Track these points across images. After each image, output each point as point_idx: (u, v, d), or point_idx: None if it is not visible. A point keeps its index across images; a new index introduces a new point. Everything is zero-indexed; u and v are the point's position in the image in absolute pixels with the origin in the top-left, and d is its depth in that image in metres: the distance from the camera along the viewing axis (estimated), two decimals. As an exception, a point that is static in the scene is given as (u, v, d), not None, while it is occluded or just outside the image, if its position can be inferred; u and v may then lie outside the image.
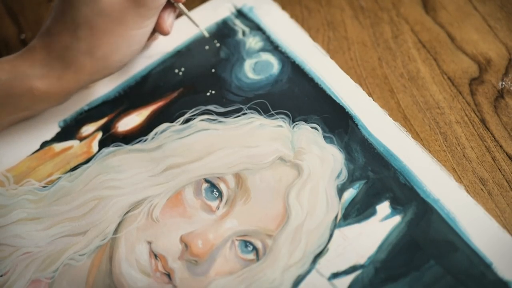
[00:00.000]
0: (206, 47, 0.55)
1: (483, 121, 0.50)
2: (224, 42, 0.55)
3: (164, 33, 0.52)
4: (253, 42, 0.55)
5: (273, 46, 0.54)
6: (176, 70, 0.54)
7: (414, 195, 0.46)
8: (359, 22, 0.56)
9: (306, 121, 0.50)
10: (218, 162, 0.48)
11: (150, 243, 0.45)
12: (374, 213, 0.45)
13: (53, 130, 0.52)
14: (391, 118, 0.50)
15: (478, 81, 0.52)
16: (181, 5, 0.52)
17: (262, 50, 0.54)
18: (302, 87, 0.52)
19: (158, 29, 0.51)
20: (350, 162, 0.48)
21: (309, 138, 0.49)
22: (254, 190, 0.47)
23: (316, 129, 0.49)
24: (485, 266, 0.42)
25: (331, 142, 0.49)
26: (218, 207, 0.46)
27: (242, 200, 0.46)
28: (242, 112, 0.51)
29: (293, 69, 0.53)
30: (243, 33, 0.55)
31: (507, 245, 0.43)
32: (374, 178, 0.47)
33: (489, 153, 0.48)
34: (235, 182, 0.47)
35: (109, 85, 0.53)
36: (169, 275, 0.44)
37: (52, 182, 0.49)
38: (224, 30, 0.56)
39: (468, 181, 0.47)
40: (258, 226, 0.45)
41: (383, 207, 0.46)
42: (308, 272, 0.44)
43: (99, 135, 0.51)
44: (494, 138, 0.49)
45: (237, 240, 0.45)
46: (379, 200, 0.46)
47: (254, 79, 0.53)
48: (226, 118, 0.51)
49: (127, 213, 0.47)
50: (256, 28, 0.56)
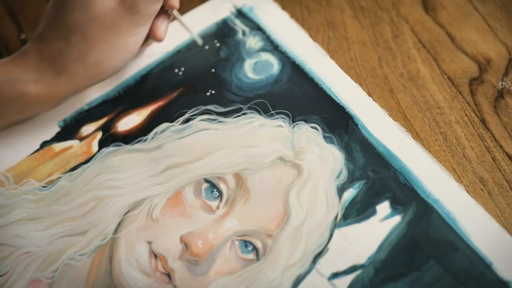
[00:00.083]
0: (206, 47, 0.55)
1: (483, 121, 0.50)
2: (224, 42, 0.55)
3: (158, 39, 0.51)
4: (253, 42, 0.55)
5: (273, 46, 0.54)
6: (176, 70, 0.54)
7: (414, 195, 0.46)
8: (359, 22, 0.56)
9: (306, 121, 0.50)
10: (218, 162, 0.48)
11: (150, 243, 0.45)
12: (374, 213, 0.45)
13: (53, 130, 0.52)
14: (391, 118, 0.50)
15: (478, 81, 0.52)
16: (175, 11, 0.51)
17: (262, 50, 0.54)
18: (302, 87, 0.52)
19: (151, 35, 0.51)
20: (350, 162, 0.48)
21: (309, 138, 0.49)
22: (254, 190, 0.47)
23: (316, 129, 0.49)
24: (485, 266, 0.42)
25: (331, 142, 0.49)
26: (218, 207, 0.46)
27: (242, 200, 0.46)
28: (242, 112, 0.51)
29: (293, 69, 0.53)
30: (243, 33, 0.55)
31: (507, 245, 0.43)
32: (374, 178, 0.47)
33: (489, 153, 0.48)
34: (235, 182, 0.47)
35: (109, 84, 0.53)
36: (169, 275, 0.44)
37: (52, 182, 0.49)
38: (224, 30, 0.56)
39: (468, 181, 0.47)
40: (258, 226, 0.45)
41: (383, 207, 0.46)
42: (308, 272, 0.44)
43: (99, 135, 0.51)
44: (494, 138, 0.49)
45: (237, 240, 0.45)
46: (379, 200, 0.46)
47: (254, 79, 0.53)
48: (226, 118, 0.51)
49: (127, 213, 0.47)
50: (256, 28, 0.56)
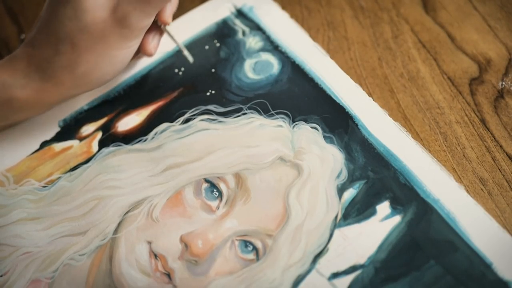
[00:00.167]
0: (206, 47, 0.55)
1: (483, 121, 0.50)
2: (224, 42, 0.55)
3: (148, 54, 0.51)
4: (253, 42, 0.55)
5: (273, 46, 0.54)
6: (176, 70, 0.54)
7: (414, 195, 0.46)
8: (359, 22, 0.56)
9: (306, 121, 0.50)
10: (218, 162, 0.48)
11: (150, 243, 0.45)
12: (374, 213, 0.45)
13: (53, 130, 0.52)
14: (391, 118, 0.50)
15: (478, 81, 0.52)
16: (167, 27, 0.51)
17: (262, 50, 0.54)
18: (302, 87, 0.52)
19: (142, 50, 0.51)
20: (350, 162, 0.48)
21: (309, 138, 0.49)
22: (254, 190, 0.47)
23: (316, 129, 0.49)
24: (485, 266, 0.42)
25: (331, 142, 0.49)
26: (218, 207, 0.46)
27: (242, 200, 0.46)
28: (242, 112, 0.51)
29: (293, 69, 0.53)
30: (243, 33, 0.55)
31: (507, 245, 0.43)
32: (374, 178, 0.47)
33: (489, 153, 0.48)
34: (235, 182, 0.47)
35: (108, 84, 0.53)
36: (169, 275, 0.44)
37: (52, 182, 0.49)
38: (224, 30, 0.56)
39: (468, 181, 0.47)
40: (258, 226, 0.45)
41: (383, 207, 0.46)
42: (308, 272, 0.44)
43: (99, 135, 0.51)
44: (494, 138, 0.49)
45: (237, 240, 0.45)
46: (379, 200, 0.46)
47: (254, 79, 0.53)
48: (226, 118, 0.51)
49: (127, 213, 0.47)
50: (256, 28, 0.56)
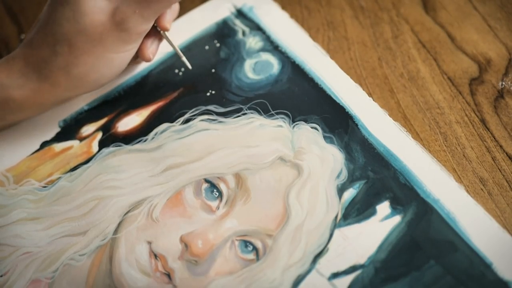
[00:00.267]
0: (206, 47, 0.55)
1: (483, 121, 0.50)
2: (224, 42, 0.55)
3: (146, 59, 0.51)
4: (253, 42, 0.55)
5: (273, 46, 0.54)
6: (176, 70, 0.54)
7: (414, 195, 0.46)
8: (359, 22, 0.56)
9: (306, 121, 0.50)
10: (218, 162, 0.48)
11: (150, 243, 0.45)
12: (374, 213, 0.45)
13: (53, 130, 0.52)
14: (391, 118, 0.50)
15: (478, 81, 0.52)
16: (166, 33, 0.51)
17: (262, 50, 0.54)
18: (302, 87, 0.52)
19: (140, 55, 0.51)
20: (350, 162, 0.48)
21: (309, 138, 0.49)
22: (254, 190, 0.47)
23: (316, 129, 0.49)
24: (485, 266, 0.42)
25: (331, 142, 0.49)
26: (218, 207, 0.46)
27: (242, 200, 0.46)
28: (242, 112, 0.51)
29: (293, 69, 0.53)
30: (243, 33, 0.55)
31: (507, 245, 0.43)
32: (374, 178, 0.47)
33: (489, 153, 0.48)
34: (235, 182, 0.47)
35: (109, 85, 0.53)
36: (169, 275, 0.44)
37: (52, 182, 0.49)
38: (224, 30, 0.56)
39: (468, 181, 0.47)
40: (258, 226, 0.45)
41: (383, 207, 0.46)
42: (308, 272, 0.44)
43: (99, 135, 0.51)
44: (494, 138, 0.49)
45: (237, 240, 0.45)
46: (379, 200, 0.46)
47: (254, 79, 0.53)
48: (226, 118, 0.51)
49: (127, 213, 0.47)
50: (256, 28, 0.56)
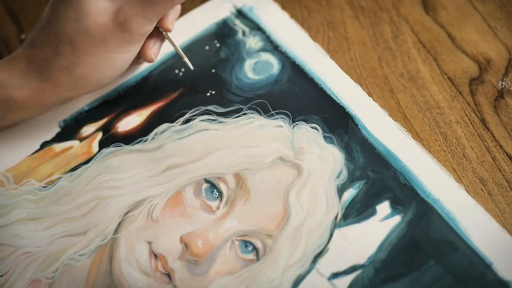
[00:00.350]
0: (206, 47, 0.55)
1: (483, 121, 0.50)
2: (224, 42, 0.55)
3: (148, 60, 0.51)
4: (253, 42, 0.55)
5: (273, 46, 0.54)
6: (176, 71, 0.54)
7: (414, 195, 0.46)
8: (359, 22, 0.56)
9: (306, 121, 0.50)
10: (218, 162, 0.48)
11: (150, 243, 0.45)
12: (374, 213, 0.45)
13: (53, 130, 0.52)
14: (391, 118, 0.50)
15: (478, 81, 0.52)
16: (169, 34, 0.51)
17: (262, 50, 0.54)
18: (302, 87, 0.52)
19: (142, 55, 0.51)
20: (350, 162, 0.48)
21: (309, 138, 0.49)
22: (254, 190, 0.47)
23: (316, 129, 0.49)
24: (485, 266, 0.42)
25: (331, 142, 0.49)
26: (218, 207, 0.46)
27: (242, 200, 0.46)
28: (242, 112, 0.51)
29: (293, 69, 0.53)
30: (243, 33, 0.55)
31: (507, 245, 0.43)
32: (374, 178, 0.47)
33: (489, 153, 0.48)
34: (235, 182, 0.47)
35: (109, 85, 0.53)
36: (169, 275, 0.44)
37: (52, 182, 0.49)
38: (224, 30, 0.56)
39: (468, 181, 0.47)
40: (258, 226, 0.45)
41: (383, 207, 0.46)
42: (308, 272, 0.44)
43: (99, 136, 0.51)
44: (494, 138, 0.49)
45: (237, 240, 0.45)
46: (379, 200, 0.46)
47: (254, 79, 0.53)
48: (226, 118, 0.51)
49: (127, 213, 0.47)
50: (256, 28, 0.56)
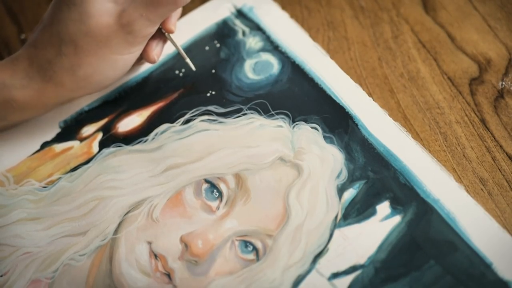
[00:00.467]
0: (206, 48, 0.55)
1: (483, 121, 0.50)
2: (224, 43, 0.55)
3: (150, 61, 0.51)
4: (253, 42, 0.55)
5: (273, 46, 0.54)
6: (176, 71, 0.54)
7: (414, 195, 0.46)
8: (359, 22, 0.56)
9: (306, 121, 0.50)
10: (218, 162, 0.48)
11: (150, 243, 0.45)
12: (374, 213, 0.45)
13: (53, 130, 0.52)
14: (391, 118, 0.50)
15: (478, 81, 0.52)
16: (171, 36, 0.51)
17: (262, 50, 0.54)
18: (302, 87, 0.52)
19: (145, 56, 0.51)
20: (350, 162, 0.48)
21: (309, 138, 0.49)
22: (254, 190, 0.47)
23: (316, 129, 0.49)
24: (485, 266, 0.42)
25: (331, 142, 0.49)
26: (218, 207, 0.46)
27: (242, 200, 0.46)
28: (242, 112, 0.51)
29: (293, 69, 0.53)
30: (243, 33, 0.55)
31: (507, 245, 0.43)
32: (374, 178, 0.47)
33: (489, 153, 0.48)
34: (235, 182, 0.47)
35: (110, 85, 0.53)
36: (169, 275, 0.44)
37: (52, 183, 0.49)
38: (224, 30, 0.56)
39: (468, 181, 0.47)
40: (258, 226, 0.45)
41: (383, 207, 0.46)
42: (308, 272, 0.44)
43: (100, 136, 0.51)
44: (494, 138, 0.49)
45: (237, 240, 0.45)
46: (379, 200, 0.46)
47: (254, 79, 0.53)
48: (226, 118, 0.51)
49: (127, 213, 0.47)
50: (256, 28, 0.56)
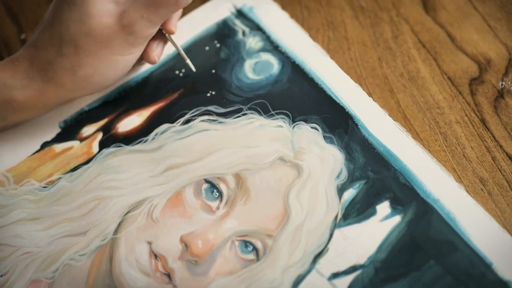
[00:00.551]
0: (206, 48, 0.55)
1: (483, 121, 0.50)
2: (224, 43, 0.55)
3: (151, 62, 0.51)
4: (253, 42, 0.55)
5: (273, 46, 0.54)
6: (176, 72, 0.54)
7: (414, 195, 0.46)
8: (359, 22, 0.56)
9: (306, 121, 0.50)
10: (218, 162, 0.48)
11: (150, 243, 0.45)
12: (374, 213, 0.45)
13: (53, 130, 0.52)
14: (391, 118, 0.50)
15: (478, 81, 0.52)
16: (172, 37, 0.51)
17: (262, 50, 0.54)
18: (302, 87, 0.52)
19: (145, 57, 0.51)
20: (350, 162, 0.48)
21: (309, 138, 0.49)
22: (254, 190, 0.47)
23: (316, 129, 0.49)
24: (485, 266, 0.42)
25: (331, 142, 0.49)
26: (218, 207, 0.46)
27: (242, 200, 0.46)
28: (242, 112, 0.51)
29: (293, 69, 0.53)
30: (243, 33, 0.55)
31: (507, 245, 0.43)
32: (374, 178, 0.47)
33: (489, 153, 0.48)
34: (235, 182, 0.47)
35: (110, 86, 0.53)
36: (169, 275, 0.44)
37: (52, 183, 0.49)
38: (224, 30, 0.56)
39: (468, 181, 0.47)
40: (258, 226, 0.45)
41: (383, 207, 0.46)
42: (308, 272, 0.44)
43: (100, 136, 0.51)
44: (494, 138, 0.49)
45: (237, 240, 0.45)
46: (379, 200, 0.46)
47: (254, 79, 0.53)
48: (226, 118, 0.51)
49: (127, 213, 0.47)
50: (256, 28, 0.56)
